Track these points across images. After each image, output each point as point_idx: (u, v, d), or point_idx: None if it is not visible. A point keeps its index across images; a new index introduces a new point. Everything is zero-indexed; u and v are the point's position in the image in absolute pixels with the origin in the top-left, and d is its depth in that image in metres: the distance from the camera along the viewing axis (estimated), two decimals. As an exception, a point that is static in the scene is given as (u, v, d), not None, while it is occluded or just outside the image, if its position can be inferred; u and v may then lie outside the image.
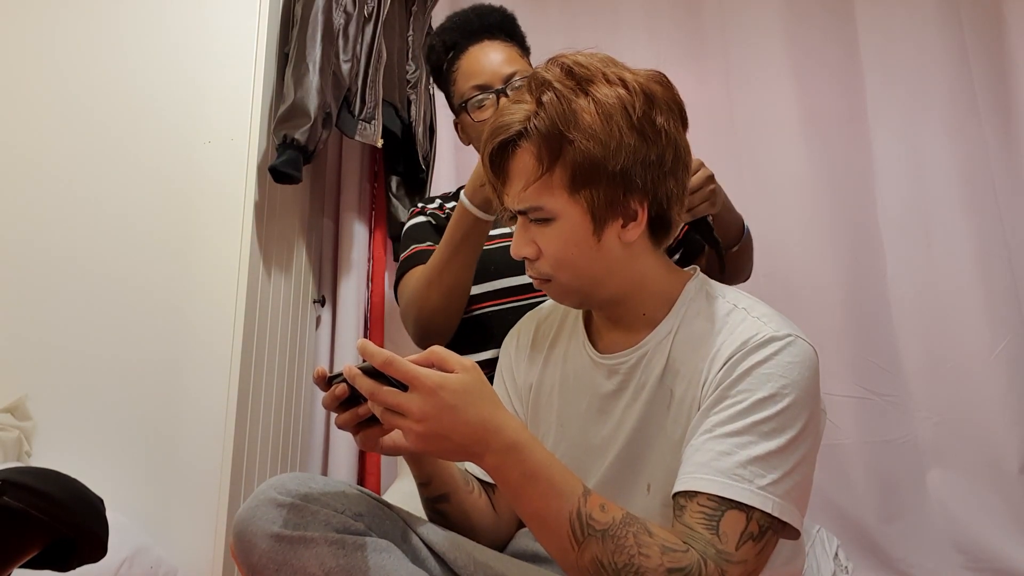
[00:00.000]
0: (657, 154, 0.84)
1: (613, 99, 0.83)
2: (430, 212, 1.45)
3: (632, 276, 0.90)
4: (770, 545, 0.78)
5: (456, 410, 0.73)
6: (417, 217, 1.46)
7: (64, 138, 1.57)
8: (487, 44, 1.39)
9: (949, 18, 1.93)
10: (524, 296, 1.32)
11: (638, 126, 0.83)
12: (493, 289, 1.33)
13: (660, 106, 0.85)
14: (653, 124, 0.84)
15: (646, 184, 0.85)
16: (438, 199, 1.49)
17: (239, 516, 0.77)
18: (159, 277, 1.50)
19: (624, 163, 0.83)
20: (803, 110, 1.98)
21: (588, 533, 0.74)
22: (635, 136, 0.83)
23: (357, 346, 0.74)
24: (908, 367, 1.88)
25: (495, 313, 1.32)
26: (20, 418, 1.43)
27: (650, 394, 0.89)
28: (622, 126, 0.83)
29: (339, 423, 0.82)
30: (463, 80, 1.38)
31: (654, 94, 0.85)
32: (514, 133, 0.86)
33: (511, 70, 1.35)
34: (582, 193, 0.84)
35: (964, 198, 1.87)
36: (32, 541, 0.85)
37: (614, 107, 0.83)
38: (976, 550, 1.75)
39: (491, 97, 1.35)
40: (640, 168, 0.84)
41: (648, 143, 0.84)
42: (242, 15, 1.61)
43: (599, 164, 0.83)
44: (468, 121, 1.38)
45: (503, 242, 1.35)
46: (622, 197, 0.85)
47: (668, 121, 0.85)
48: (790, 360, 0.81)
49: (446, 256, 1.25)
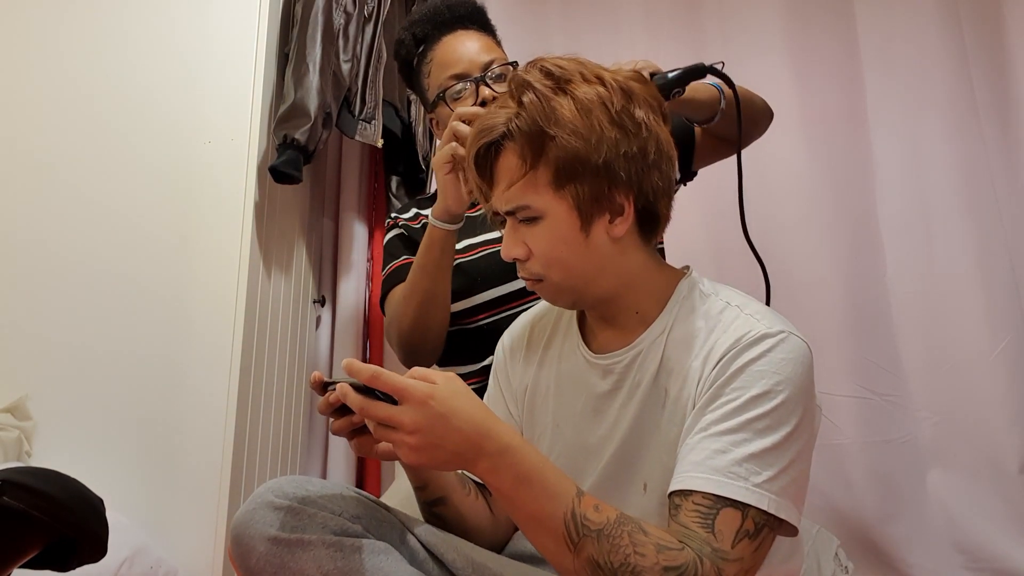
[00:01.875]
0: (639, 147, 0.85)
1: (592, 95, 0.85)
2: (402, 223, 1.42)
3: (623, 273, 0.90)
4: (767, 542, 0.78)
5: (447, 418, 0.73)
6: (391, 231, 1.43)
7: (65, 138, 1.57)
8: (461, 33, 1.34)
9: (949, 18, 1.92)
10: (517, 303, 1.30)
11: (618, 120, 0.84)
12: (484, 300, 1.31)
13: (639, 101, 0.87)
14: (632, 117, 0.85)
15: (630, 177, 0.85)
16: (413, 208, 1.46)
17: (237, 519, 0.77)
18: (159, 277, 1.51)
19: (606, 156, 0.84)
20: (803, 109, 1.98)
21: (583, 534, 0.75)
22: (615, 129, 0.84)
23: (343, 366, 0.75)
24: (908, 367, 1.87)
25: (489, 325, 1.30)
26: (20, 418, 1.44)
27: (645, 393, 0.89)
28: (602, 120, 0.84)
29: (334, 429, 0.83)
30: (438, 71, 1.33)
31: (632, 90, 0.87)
32: (498, 135, 0.87)
33: (488, 58, 1.31)
34: (567, 188, 0.85)
35: (964, 197, 1.87)
36: (32, 541, 0.86)
37: (593, 102, 0.84)
38: (976, 550, 1.75)
39: (469, 86, 1.30)
40: (623, 161, 0.84)
41: (629, 136, 0.85)
42: (242, 15, 1.61)
43: (581, 158, 0.84)
44: (446, 113, 1.31)
45: (488, 249, 1.33)
46: (607, 191, 0.85)
47: (648, 115, 0.86)
48: (783, 357, 0.82)
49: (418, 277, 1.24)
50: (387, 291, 1.37)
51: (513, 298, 1.30)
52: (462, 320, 1.33)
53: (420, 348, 1.29)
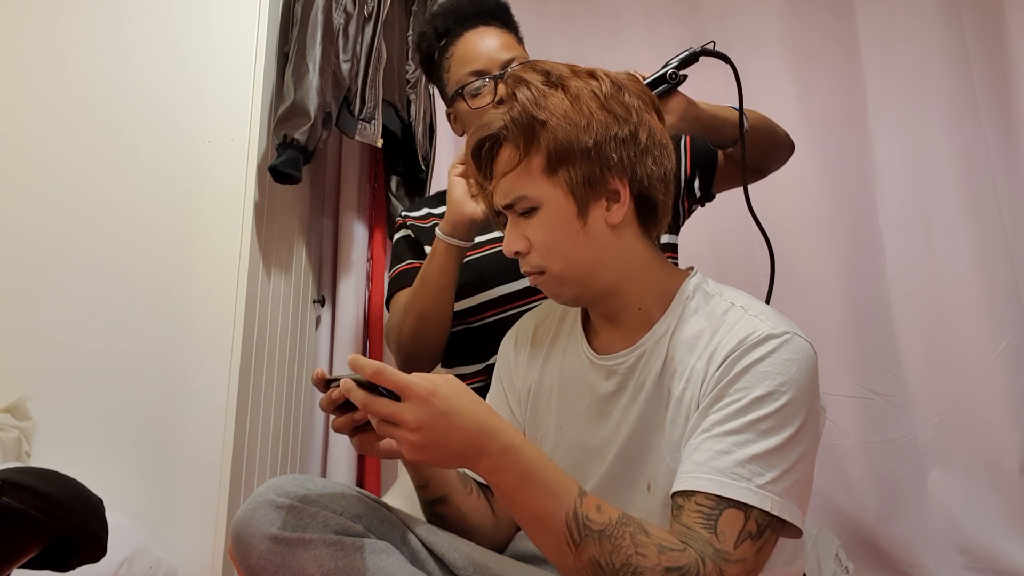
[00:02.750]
0: (629, 131, 0.87)
1: (583, 87, 0.88)
2: (411, 223, 1.42)
3: (624, 264, 0.90)
4: (769, 544, 0.78)
5: (449, 415, 0.73)
6: (400, 231, 1.43)
7: (64, 137, 1.57)
8: (482, 30, 1.33)
9: (949, 18, 1.92)
10: (523, 302, 1.30)
11: (607, 105, 0.87)
12: (490, 299, 1.31)
13: (628, 91, 0.89)
14: (622, 103, 0.87)
15: (623, 161, 0.86)
16: (424, 207, 1.45)
17: (238, 518, 0.77)
18: (159, 277, 1.50)
19: (596, 138, 0.85)
20: (803, 110, 1.98)
21: (585, 534, 0.74)
22: (605, 113, 0.86)
23: (348, 361, 0.75)
24: (908, 367, 1.87)
25: (493, 323, 1.30)
26: (20, 418, 1.43)
27: (648, 394, 0.89)
28: (591, 106, 0.86)
29: (336, 427, 0.83)
30: (458, 67, 1.32)
31: (622, 82, 0.89)
32: (494, 130, 0.89)
33: (509, 56, 1.30)
34: (560, 174, 0.86)
35: (964, 197, 1.87)
36: (32, 541, 0.86)
37: (583, 91, 0.87)
38: (976, 550, 1.75)
39: (488, 83, 1.29)
40: (614, 144, 0.86)
41: (619, 120, 0.86)
42: (242, 15, 1.61)
43: (572, 142, 0.85)
44: (464, 109, 1.31)
45: (497, 247, 1.32)
46: (600, 174, 0.86)
47: (638, 104, 0.88)
48: (787, 357, 0.81)
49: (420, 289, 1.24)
50: (391, 294, 1.38)
51: (519, 296, 1.30)
52: (468, 318, 1.32)
53: (418, 357, 1.30)
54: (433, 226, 1.35)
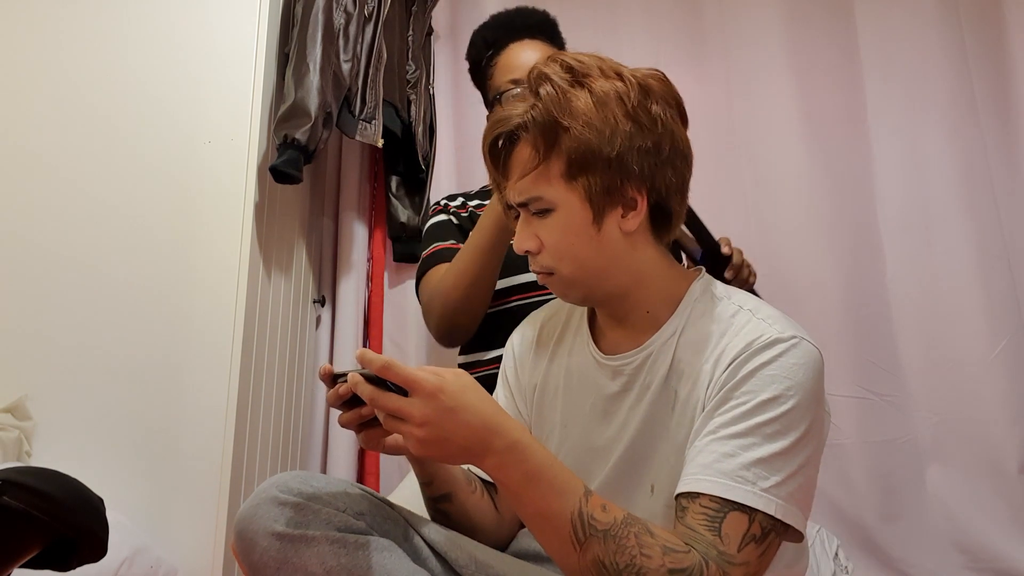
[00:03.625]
0: (653, 141, 0.85)
1: (609, 89, 0.85)
2: (452, 211, 1.47)
3: (634, 269, 0.90)
4: (772, 547, 0.78)
5: (456, 412, 0.73)
6: (439, 215, 1.48)
7: (64, 137, 1.57)
8: (527, 43, 1.43)
9: (949, 18, 1.92)
10: (530, 294, 1.32)
11: (633, 114, 0.84)
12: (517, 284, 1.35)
13: (656, 97, 0.86)
14: (648, 112, 0.85)
15: (643, 172, 0.85)
16: (460, 197, 1.51)
17: (241, 514, 0.77)
18: (159, 277, 1.50)
19: (619, 149, 0.83)
20: (803, 110, 1.98)
21: (589, 533, 0.74)
22: (630, 123, 0.84)
23: (356, 355, 0.75)
24: (908, 367, 1.87)
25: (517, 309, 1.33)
26: (20, 418, 1.43)
27: (654, 395, 0.89)
28: (617, 113, 0.84)
29: (342, 422, 0.82)
30: (500, 75, 1.42)
31: (650, 87, 0.87)
32: (513, 126, 0.87)
33: None
34: (579, 180, 0.85)
35: (964, 198, 1.87)
36: (32, 541, 0.85)
37: (609, 96, 0.84)
38: (976, 550, 1.75)
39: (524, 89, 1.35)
40: (636, 155, 0.84)
41: (644, 130, 0.84)
42: (242, 15, 1.61)
43: (594, 150, 0.83)
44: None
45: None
46: (619, 184, 0.85)
47: (664, 112, 0.86)
48: (795, 362, 0.81)
49: (473, 257, 1.28)
50: (425, 270, 1.39)
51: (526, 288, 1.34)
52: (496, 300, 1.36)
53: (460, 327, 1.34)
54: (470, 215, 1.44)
